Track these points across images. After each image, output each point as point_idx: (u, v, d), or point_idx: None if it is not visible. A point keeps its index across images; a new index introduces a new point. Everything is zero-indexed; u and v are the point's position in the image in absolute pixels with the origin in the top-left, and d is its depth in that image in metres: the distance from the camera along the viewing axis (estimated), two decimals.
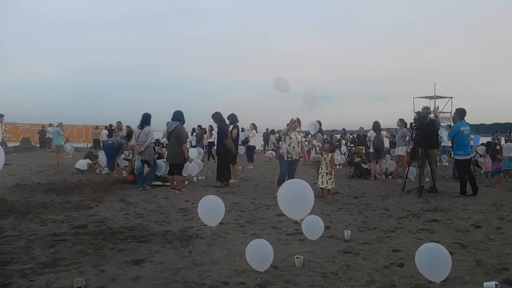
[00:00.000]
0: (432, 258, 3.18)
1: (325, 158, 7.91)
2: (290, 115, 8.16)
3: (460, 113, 8.28)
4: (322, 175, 7.80)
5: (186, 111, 8.70)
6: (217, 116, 9.57)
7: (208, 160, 15.86)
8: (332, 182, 7.84)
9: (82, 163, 11.33)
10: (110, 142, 10.95)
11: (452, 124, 8.82)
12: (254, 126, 16.38)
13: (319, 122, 10.11)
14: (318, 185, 7.80)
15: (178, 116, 8.54)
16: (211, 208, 4.69)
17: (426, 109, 9.03)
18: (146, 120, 8.79)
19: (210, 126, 16.76)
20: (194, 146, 15.79)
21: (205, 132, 17.88)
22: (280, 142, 10.07)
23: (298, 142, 7.79)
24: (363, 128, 16.23)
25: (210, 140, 16.52)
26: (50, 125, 22.09)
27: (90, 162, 11.60)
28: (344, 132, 22.18)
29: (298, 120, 8.14)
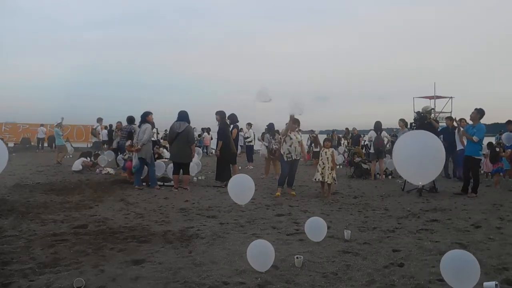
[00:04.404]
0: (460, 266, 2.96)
1: (326, 153, 7.79)
2: (289, 115, 8.06)
3: (481, 113, 7.98)
4: (323, 168, 7.62)
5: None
6: (220, 115, 9.45)
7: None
8: (334, 178, 7.64)
9: (77, 164, 11.25)
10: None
11: (472, 123, 8.36)
12: (250, 126, 16.33)
13: (271, 124, 10.70)
14: (317, 179, 7.67)
15: (184, 117, 8.58)
16: (242, 189, 4.95)
17: (428, 108, 9.01)
18: (143, 118, 8.79)
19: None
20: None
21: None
22: (274, 142, 10.23)
23: (298, 142, 7.89)
24: (356, 129, 16.35)
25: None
26: (42, 125, 22.24)
27: (85, 159, 11.53)
28: (347, 132, 22.21)
29: (297, 120, 8.09)
